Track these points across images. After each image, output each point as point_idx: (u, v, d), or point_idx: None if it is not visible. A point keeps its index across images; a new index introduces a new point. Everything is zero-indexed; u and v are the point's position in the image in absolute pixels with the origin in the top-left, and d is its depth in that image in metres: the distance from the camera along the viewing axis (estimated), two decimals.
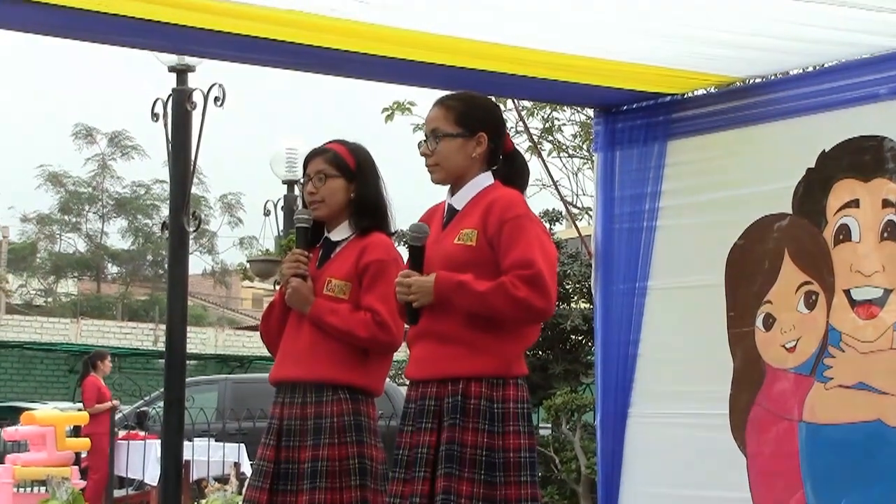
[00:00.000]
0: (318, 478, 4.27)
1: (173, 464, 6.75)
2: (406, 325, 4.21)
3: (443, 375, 3.99)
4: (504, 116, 4.44)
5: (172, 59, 7.32)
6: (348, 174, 4.47)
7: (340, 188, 4.47)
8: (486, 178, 4.14)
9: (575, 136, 11.56)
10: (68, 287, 44.50)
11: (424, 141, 4.16)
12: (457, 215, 4.12)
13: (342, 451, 4.30)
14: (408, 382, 4.18)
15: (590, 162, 10.98)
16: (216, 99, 7.21)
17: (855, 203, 5.03)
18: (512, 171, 4.21)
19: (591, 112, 6.63)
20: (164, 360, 7.36)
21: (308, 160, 4.53)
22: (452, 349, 3.99)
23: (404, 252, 4.40)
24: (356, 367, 4.36)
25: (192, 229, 7.13)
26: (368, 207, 4.47)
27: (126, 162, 43.11)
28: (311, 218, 4.49)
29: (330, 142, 4.58)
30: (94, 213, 43.88)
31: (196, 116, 7.31)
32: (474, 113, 4.15)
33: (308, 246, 4.49)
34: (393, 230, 4.55)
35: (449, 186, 4.17)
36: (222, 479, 12.10)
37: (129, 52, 5.73)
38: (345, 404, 4.33)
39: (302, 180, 4.58)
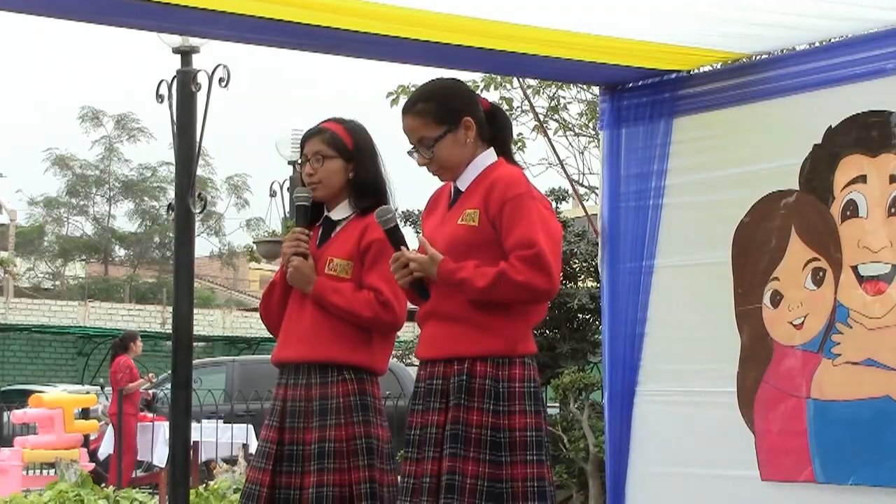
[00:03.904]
0: (326, 459, 4.26)
1: (181, 445, 6.73)
2: (411, 304, 4.21)
3: (449, 355, 4.00)
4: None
5: (176, 40, 7.28)
6: (346, 154, 4.44)
7: (338, 169, 4.44)
8: (488, 157, 4.13)
9: (581, 115, 11.54)
10: (76, 270, 44.61)
11: (416, 151, 4.12)
12: (461, 196, 4.11)
13: (349, 432, 4.29)
14: (418, 362, 4.18)
15: (596, 140, 10.95)
16: (221, 80, 7.18)
17: (862, 179, 5.00)
18: (495, 128, 4.17)
19: (596, 90, 6.60)
20: (171, 343, 7.36)
21: (305, 140, 4.50)
22: (458, 329, 3.99)
23: (406, 231, 4.39)
24: (360, 346, 4.35)
25: (197, 211, 7.11)
26: (368, 187, 4.44)
27: (133, 144, 43.20)
28: (310, 196, 4.46)
29: (326, 120, 4.53)
30: (101, 195, 43.93)
31: (201, 98, 7.28)
32: (449, 103, 4.10)
33: (308, 224, 4.47)
34: (394, 209, 4.52)
35: None
36: (230, 461, 12.13)
37: (134, 34, 5.72)
38: (350, 384, 4.32)
39: (300, 161, 4.55)
